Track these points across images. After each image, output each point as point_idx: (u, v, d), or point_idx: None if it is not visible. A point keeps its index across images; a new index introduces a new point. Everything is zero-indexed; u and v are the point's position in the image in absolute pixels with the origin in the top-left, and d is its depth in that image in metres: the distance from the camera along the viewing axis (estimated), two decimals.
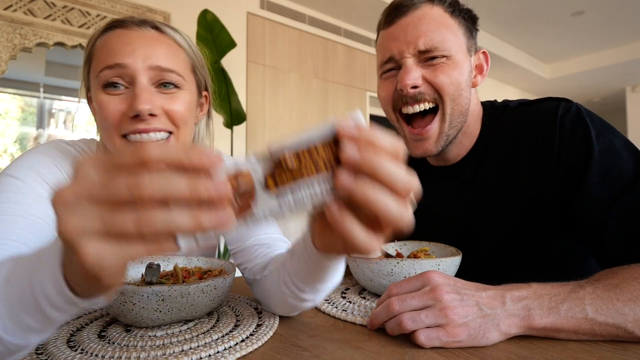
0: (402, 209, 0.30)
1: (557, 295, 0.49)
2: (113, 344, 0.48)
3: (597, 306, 0.47)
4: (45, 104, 4.25)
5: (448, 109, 0.71)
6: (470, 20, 0.74)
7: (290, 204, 0.29)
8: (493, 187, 0.75)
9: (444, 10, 0.71)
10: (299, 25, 3.33)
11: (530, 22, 4.25)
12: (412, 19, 0.70)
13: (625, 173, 0.62)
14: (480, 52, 0.77)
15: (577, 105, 0.70)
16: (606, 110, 7.36)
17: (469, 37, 0.74)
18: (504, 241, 0.75)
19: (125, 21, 0.61)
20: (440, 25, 0.69)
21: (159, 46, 0.60)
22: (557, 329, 0.48)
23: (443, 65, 0.70)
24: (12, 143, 4.15)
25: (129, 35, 0.59)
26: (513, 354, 0.45)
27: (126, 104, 0.57)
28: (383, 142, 0.29)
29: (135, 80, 0.57)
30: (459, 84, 0.70)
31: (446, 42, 0.69)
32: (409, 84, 0.69)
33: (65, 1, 2.17)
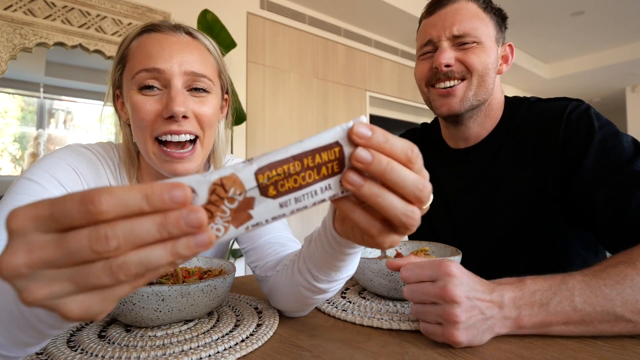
0: (409, 214, 0.30)
1: (548, 289, 0.50)
2: (113, 344, 0.48)
3: (586, 295, 0.49)
4: (45, 104, 4.25)
5: (474, 81, 0.79)
6: (500, 17, 0.84)
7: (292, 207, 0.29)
8: (508, 172, 0.81)
9: (478, 6, 0.81)
10: (299, 25, 3.33)
11: (530, 22, 4.25)
12: (450, 9, 0.80)
13: (621, 157, 0.66)
14: (507, 44, 0.85)
15: (587, 105, 0.76)
16: (606, 110, 7.36)
17: (498, 30, 0.83)
18: (515, 226, 0.79)
19: (161, 25, 0.64)
20: (474, 16, 0.79)
21: (192, 52, 0.62)
22: (548, 324, 0.49)
23: (474, 48, 0.79)
24: (12, 142, 4.15)
25: (165, 39, 0.62)
26: (513, 354, 0.45)
27: (161, 105, 0.60)
28: (395, 146, 0.29)
29: (170, 84, 0.60)
30: (486, 64, 0.79)
31: (477, 30, 0.79)
32: (443, 62, 0.78)
33: (65, 1, 2.17)
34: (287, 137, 3.22)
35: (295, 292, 0.54)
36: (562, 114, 0.75)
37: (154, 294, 0.47)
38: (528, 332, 0.49)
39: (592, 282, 0.50)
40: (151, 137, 0.61)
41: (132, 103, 0.60)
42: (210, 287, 0.51)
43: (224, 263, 0.63)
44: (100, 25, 2.27)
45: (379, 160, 0.28)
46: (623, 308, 0.48)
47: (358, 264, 0.67)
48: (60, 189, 0.58)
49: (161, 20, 0.65)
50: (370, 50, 3.90)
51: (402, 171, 0.29)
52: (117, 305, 0.48)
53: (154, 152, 0.61)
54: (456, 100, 0.80)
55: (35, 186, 0.57)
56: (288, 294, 0.57)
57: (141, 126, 0.60)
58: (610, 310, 0.48)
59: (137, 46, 0.62)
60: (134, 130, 0.63)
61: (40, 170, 0.59)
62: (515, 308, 0.49)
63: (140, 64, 0.60)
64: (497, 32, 0.82)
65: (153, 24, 0.64)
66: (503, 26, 0.85)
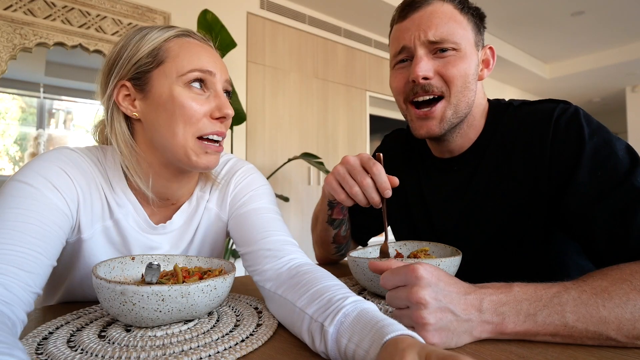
0: None
1: (538, 300, 0.48)
2: (113, 344, 0.48)
3: (580, 314, 0.47)
4: (45, 104, 4.25)
5: (454, 98, 0.74)
6: (478, 18, 0.78)
7: None
8: (492, 182, 0.76)
9: (454, 7, 0.75)
10: (299, 25, 3.33)
11: (530, 22, 4.25)
12: (424, 13, 0.74)
13: (617, 170, 0.62)
14: (487, 47, 0.80)
15: (575, 107, 0.70)
16: (606, 110, 7.36)
17: (477, 33, 0.77)
18: (500, 236, 0.76)
19: (197, 35, 0.70)
20: (450, 19, 0.73)
21: (223, 63, 0.70)
22: (533, 334, 0.48)
23: (452, 58, 0.73)
24: (12, 143, 4.15)
25: (206, 48, 0.68)
26: (513, 354, 0.45)
27: (209, 106, 0.65)
28: None
29: (216, 88, 0.66)
30: (466, 76, 0.74)
31: (455, 35, 0.73)
32: (420, 75, 0.72)
33: (65, 1, 2.17)
34: (287, 137, 3.22)
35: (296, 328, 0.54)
36: (550, 119, 0.70)
37: (154, 294, 0.47)
38: (511, 337, 0.48)
39: (590, 302, 0.47)
40: (194, 134, 0.64)
41: (180, 99, 0.63)
42: (210, 287, 0.51)
43: (224, 263, 0.63)
44: (100, 25, 2.27)
45: None
46: (617, 332, 0.46)
47: (359, 264, 0.67)
48: (54, 192, 0.58)
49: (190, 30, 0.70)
50: (370, 50, 3.90)
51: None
52: (117, 305, 0.48)
53: (192, 148, 0.64)
54: (435, 122, 0.75)
55: (29, 189, 0.56)
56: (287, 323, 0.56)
57: (187, 122, 0.63)
58: (603, 333, 0.46)
59: (179, 47, 0.65)
60: (169, 124, 0.63)
61: (32, 172, 0.58)
62: (498, 314, 0.48)
63: (192, 64, 0.64)
64: (475, 34, 0.76)
65: (190, 31, 0.69)
66: (482, 27, 0.79)
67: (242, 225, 0.73)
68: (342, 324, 0.46)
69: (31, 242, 0.52)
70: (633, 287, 0.48)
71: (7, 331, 0.41)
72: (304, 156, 2.73)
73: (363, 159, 0.69)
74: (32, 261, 0.51)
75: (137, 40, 0.65)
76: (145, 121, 0.66)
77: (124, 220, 0.68)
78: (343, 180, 0.70)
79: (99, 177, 0.66)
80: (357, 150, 3.78)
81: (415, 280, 0.48)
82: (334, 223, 0.90)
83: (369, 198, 0.67)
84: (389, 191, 0.66)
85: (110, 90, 0.65)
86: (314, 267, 0.61)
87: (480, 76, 0.78)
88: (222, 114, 0.65)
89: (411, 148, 0.94)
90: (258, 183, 0.78)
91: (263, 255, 0.66)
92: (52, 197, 0.58)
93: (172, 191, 0.71)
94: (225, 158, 0.81)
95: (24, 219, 0.53)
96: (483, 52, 0.79)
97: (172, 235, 0.73)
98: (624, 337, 0.46)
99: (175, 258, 0.66)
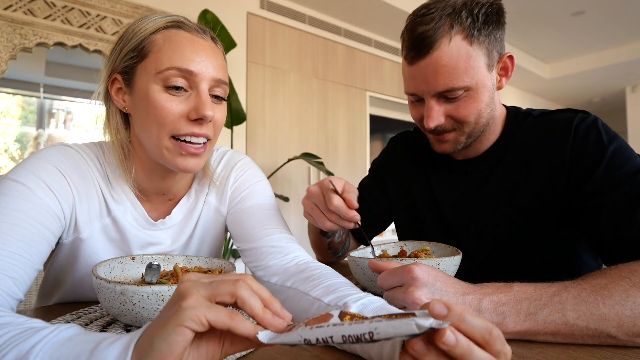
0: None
1: (538, 299, 0.48)
2: None
3: (580, 311, 0.46)
4: (45, 104, 4.25)
5: (467, 129, 0.75)
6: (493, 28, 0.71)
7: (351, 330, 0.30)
8: (507, 185, 0.78)
9: (463, 38, 0.69)
10: (299, 25, 3.33)
11: (530, 22, 4.25)
12: (430, 61, 0.69)
13: (632, 170, 0.64)
14: (506, 56, 0.75)
15: (595, 116, 0.72)
16: (606, 110, 7.36)
17: (490, 53, 0.72)
18: (514, 235, 0.77)
19: (189, 25, 0.63)
20: (459, 61, 0.69)
21: (217, 58, 0.64)
22: (534, 333, 0.47)
23: (462, 100, 0.72)
24: (13, 142, 4.15)
25: (197, 42, 0.62)
26: (513, 354, 0.45)
27: (187, 107, 0.60)
28: (473, 326, 0.31)
29: (199, 87, 0.61)
30: (479, 112, 0.73)
31: (465, 79, 0.69)
32: (432, 126, 0.73)
33: (65, 1, 2.17)
34: (287, 137, 3.22)
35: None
36: (570, 126, 0.71)
37: (154, 294, 0.47)
38: (512, 337, 0.48)
39: (590, 299, 0.47)
40: (168, 134, 0.61)
41: (154, 99, 0.59)
42: None
43: (224, 263, 0.63)
44: (100, 25, 2.27)
45: (461, 344, 0.30)
46: (618, 330, 0.46)
47: (359, 264, 0.67)
48: (47, 192, 0.57)
49: (186, 19, 0.64)
50: (370, 50, 3.90)
51: (479, 354, 0.30)
52: (117, 305, 0.48)
53: (167, 147, 0.61)
54: (449, 145, 0.77)
55: (21, 188, 0.55)
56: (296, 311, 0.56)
57: (160, 123, 0.60)
58: (604, 330, 0.46)
59: (164, 40, 0.61)
60: (146, 123, 0.61)
61: (26, 171, 0.57)
62: (497, 314, 0.47)
63: (171, 61, 0.59)
64: (488, 56, 0.71)
65: (181, 22, 0.63)
66: (498, 31, 0.72)
67: (243, 221, 0.73)
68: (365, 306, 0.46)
69: (17, 244, 0.51)
70: (632, 284, 0.48)
71: None
72: (304, 156, 2.73)
73: (323, 189, 0.66)
74: (17, 266, 0.50)
75: (131, 30, 0.63)
76: (132, 116, 0.65)
77: (123, 218, 0.67)
78: (313, 214, 0.68)
79: (96, 174, 0.65)
80: (357, 150, 3.77)
81: (412, 281, 0.48)
82: (327, 234, 0.91)
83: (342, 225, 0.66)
84: (356, 217, 0.64)
85: (105, 82, 0.65)
86: (322, 265, 0.62)
87: (498, 86, 0.76)
88: (199, 116, 0.59)
89: (420, 149, 0.94)
90: (257, 177, 0.79)
91: (267, 251, 0.66)
92: (44, 197, 0.56)
93: (168, 186, 0.71)
94: (221, 151, 0.81)
95: (11, 220, 0.52)
96: (501, 63, 0.75)
97: (172, 230, 0.73)
98: (624, 334, 0.46)
99: (175, 258, 0.66)
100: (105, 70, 0.65)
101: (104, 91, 0.65)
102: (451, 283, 0.50)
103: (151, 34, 0.61)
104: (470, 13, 0.69)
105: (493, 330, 0.31)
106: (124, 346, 0.32)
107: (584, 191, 0.67)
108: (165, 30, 0.61)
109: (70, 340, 0.34)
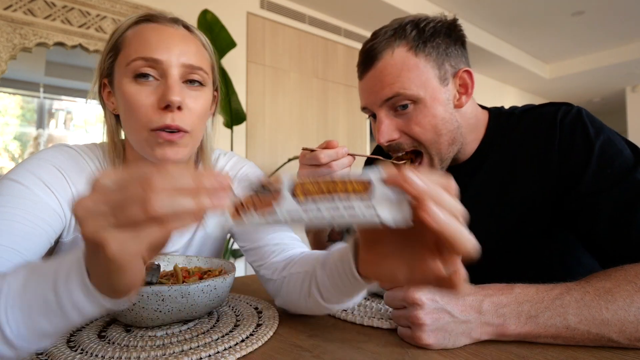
0: (467, 233, 0.33)
1: (539, 302, 0.48)
2: (113, 344, 0.48)
3: (582, 316, 0.46)
4: (45, 104, 4.25)
5: (432, 150, 0.72)
6: (442, 41, 0.71)
7: (313, 214, 0.31)
8: (493, 187, 0.76)
9: (407, 50, 0.69)
10: (299, 25, 3.33)
11: (530, 22, 4.25)
12: (374, 72, 0.71)
13: (623, 167, 0.62)
14: (462, 71, 0.73)
15: (578, 107, 0.70)
16: (606, 110, 7.36)
17: (441, 65, 0.71)
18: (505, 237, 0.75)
19: (159, 17, 0.64)
20: (402, 70, 0.69)
21: (189, 45, 0.63)
22: (534, 336, 0.47)
23: (414, 113, 0.70)
24: (12, 140, 4.15)
25: (164, 30, 0.62)
26: (513, 354, 0.45)
27: (156, 96, 0.59)
28: (437, 179, 0.33)
29: (167, 74, 0.60)
30: (435, 127, 0.71)
31: (410, 87, 0.68)
32: (383, 142, 0.72)
33: (65, 1, 2.17)
34: (287, 137, 3.22)
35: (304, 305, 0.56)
36: (554, 121, 0.69)
37: (154, 294, 0.47)
38: (512, 339, 0.48)
39: (593, 304, 0.47)
40: (146, 127, 0.60)
41: (126, 92, 0.59)
42: (210, 287, 0.51)
43: (224, 263, 0.63)
44: (100, 25, 2.27)
45: (427, 184, 0.31)
46: (620, 335, 0.45)
47: None
48: (45, 190, 0.58)
49: (159, 12, 0.65)
50: None
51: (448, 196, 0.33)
52: None
53: (146, 140, 0.60)
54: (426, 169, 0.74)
55: (20, 187, 0.56)
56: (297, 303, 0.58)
57: (135, 117, 0.60)
58: (605, 335, 0.46)
59: (133, 34, 0.62)
60: (126, 119, 0.62)
61: (24, 171, 0.58)
62: (498, 315, 0.47)
63: (137, 52, 0.59)
64: (439, 68, 0.70)
65: (151, 14, 0.64)
66: (451, 47, 0.72)
67: None
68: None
69: (13, 240, 0.51)
70: (638, 289, 0.47)
71: None
72: None
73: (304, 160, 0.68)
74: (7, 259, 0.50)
75: (111, 33, 0.65)
76: (120, 117, 0.65)
77: None
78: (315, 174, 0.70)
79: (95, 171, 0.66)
80: (357, 150, 3.77)
81: None
82: None
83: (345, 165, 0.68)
84: (344, 148, 0.67)
85: (97, 88, 0.67)
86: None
87: (457, 105, 0.73)
88: (165, 102, 0.58)
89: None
90: None
91: (270, 250, 0.67)
92: (42, 195, 0.57)
93: None
94: (227, 157, 0.82)
95: (9, 217, 0.52)
96: (457, 79, 0.73)
97: None
98: (625, 339, 0.46)
99: (175, 258, 0.66)
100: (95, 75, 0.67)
101: (99, 96, 0.67)
102: None
103: (124, 31, 0.63)
104: (416, 26, 0.70)
105: (450, 180, 0.34)
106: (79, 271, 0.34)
107: (577, 192, 0.65)
108: (136, 25, 0.63)
109: (25, 288, 0.36)
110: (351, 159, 0.69)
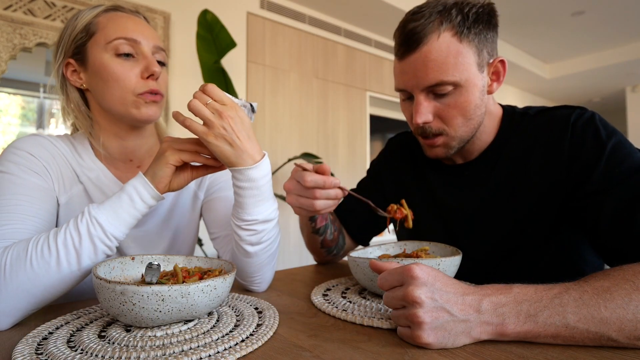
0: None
1: (538, 301, 0.48)
2: (113, 344, 0.48)
3: (581, 314, 0.46)
4: (45, 104, 4.24)
5: (454, 132, 0.76)
6: (484, 28, 0.72)
7: None
8: (506, 185, 0.78)
9: (452, 35, 0.69)
10: (299, 25, 3.33)
11: (530, 22, 4.25)
12: (419, 55, 0.70)
13: (633, 166, 0.64)
14: (497, 60, 0.75)
15: (592, 112, 0.72)
16: (606, 110, 7.36)
17: (480, 52, 0.72)
18: (514, 234, 0.77)
19: (125, 9, 0.78)
20: (448, 56, 0.69)
21: (152, 32, 0.78)
22: (534, 336, 0.47)
23: (452, 98, 0.72)
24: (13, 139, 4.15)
25: (133, 19, 0.76)
26: (513, 354, 0.45)
27: (139, 68, 0.73)
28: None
29: (144, 51, 0.74)
30: (467, 112, 0.73)
31: (454, 73, 0.70)
32: (420, 122, 0.74)
33: (65, 1, 2.17)
34: (287, 137, 3.22)
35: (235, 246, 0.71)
36: (567, 123, 0.71)
37: (154, 294, 0.47)
38: (512, 339, 0.48)
39: (592, 302, 0.47)
40: (133, 93, 0.73)
41: (109, 65, 0.72)
42: (210, 287, 0.51)
43: (224, 263, 0.63)
44: None
45: None
46: (619, 333, 0.45)
47: (359, 264, 0.67)
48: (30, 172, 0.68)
49: (120, 6, 0.79)
50: (370, 50, 3.90)
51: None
52: (117, 305, 0.48)
53: (132, 102, 0.73)
54: (440, 149, 0.78)
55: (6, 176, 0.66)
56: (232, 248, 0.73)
57: (122, 84, 0.72)
58: (604, 334, 0.46)
59: (107, 19, 0.74)
60: (106, 89, 0.73)
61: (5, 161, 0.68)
62: (497, 315, 0.47)
63: (117, 33, 0.72)
64: (479, 55, 0.72)
65: (118, 5, 0.78)
66: (490, 32, 0.73)
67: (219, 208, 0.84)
68: None
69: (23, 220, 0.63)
70: (636, 287, 0.47)
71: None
72: (304, 156, 2.73)
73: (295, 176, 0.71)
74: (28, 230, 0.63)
75: (73, 21, 0.75)
76: (92, 89, 0.75)
77: (93, 185, 0.76)
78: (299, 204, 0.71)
79: (67, 151, 0.76)
80: (357, 150, 3.77)
81: (411, 280, 0.48)
82: (319, 231, 0.93)
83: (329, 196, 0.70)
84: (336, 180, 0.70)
85: (59, 68, 0.76)
86: None
87: (489, 91, 0.76)
88: (149, 72, 0.73)
89: (419, 149, 0.94)
90: None
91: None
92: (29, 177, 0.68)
93: (132, 150, 0.80)
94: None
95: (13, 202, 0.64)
96: (492, 66, 0.75)
97: None
98: (625, 338, 0.46)
99: (175, 258, 0.66)
100: (56, 58, 0.76)
101: (59, 78, 0.76)
102: (451, 283, 0.50)
103: (94, 17, 0.74)
104: (461, 11, 0.70)
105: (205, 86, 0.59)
106: (140, 177, 0.63)
107: (585, 189, 0.66)
108: (106, 12, 0.75)
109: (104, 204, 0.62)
110: (340, 193, 0.71)
